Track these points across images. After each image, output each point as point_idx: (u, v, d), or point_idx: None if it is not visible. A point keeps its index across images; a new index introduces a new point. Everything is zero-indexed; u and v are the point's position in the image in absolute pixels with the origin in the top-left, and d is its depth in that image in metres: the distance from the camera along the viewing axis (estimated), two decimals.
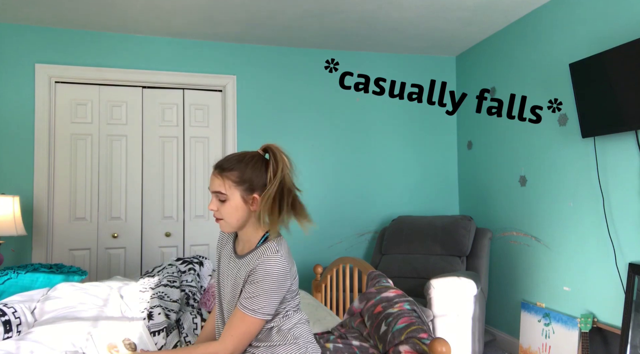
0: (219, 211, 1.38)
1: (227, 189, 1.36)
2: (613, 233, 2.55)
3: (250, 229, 1.42)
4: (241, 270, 1.39)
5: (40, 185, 3.34)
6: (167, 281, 2.15)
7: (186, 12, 3.17)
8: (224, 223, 1.40)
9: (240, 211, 1.38)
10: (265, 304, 1.32)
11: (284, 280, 1.34)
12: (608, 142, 2.59)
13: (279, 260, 1.33)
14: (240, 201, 1.37)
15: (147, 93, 3.67)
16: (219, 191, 1.37)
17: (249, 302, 1.32)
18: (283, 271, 1.33)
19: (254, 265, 1.34)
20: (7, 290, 2.15)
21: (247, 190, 1.37)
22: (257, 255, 1.36)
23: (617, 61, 2.39)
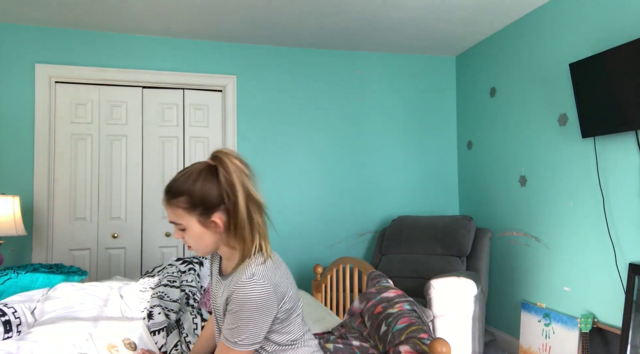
0: (184, 239, 1.24)
1: (181, 218, 1.20)
2: (613, 233, 2.55)
3: (226, 249, 1.27)
4: (224, 292, 1.24)
5: (40, 185, 3.34)
6: (167, 281, 2.15)
7: (186, 12, 3.17)
8: (196, 250, 1.25)
9: (205, 237, 1.22)
10: (247, 335, 1.16)
11: (265, 306, 1.16)
12: (608, 142, 2.59)
13: (254, 285, 1.14)
14: (200, 227, 1.20)
15: (147, 93, 3.67)
16: (174, 221, 1.22)
17: (230, 334, 1.18)
18: (262, 297, 1.15)
19: (229, 293, 1.18)
20: (7, 290, 2.15)
21: (202, 214, 1.19)
22: (233, 280, 1.20)
23: (617, 61, 2.39)
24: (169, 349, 1.78)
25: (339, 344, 1.75)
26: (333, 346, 1.71)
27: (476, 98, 3.92)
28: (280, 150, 3.84)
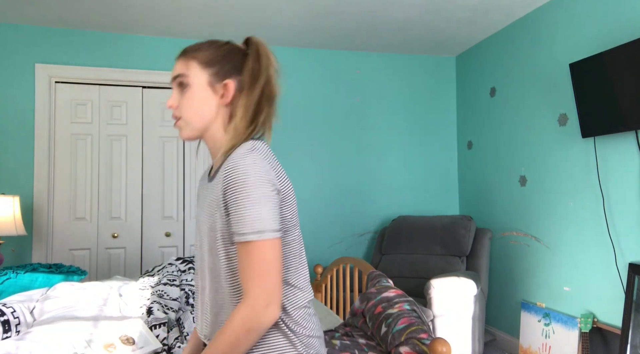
0: (179, 105, 1.04)
1: (191, 70, 1.04)
2: (613, 233, 2.55)
3: (220, 133, 1.06)
4: (213, 192, 1.00)
5: (40, 185, 3.34)
6: (167, 280, 2.15)
7: (186, 12, 3.17)
8: (183, 124, 1.05)
9: (205, 103, 1.03)
10: (264, 216, 0.92)
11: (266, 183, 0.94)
12: (608, 142, 2.59)
13: (250, 158, 0.94)
14: (207, 87, 1.03)
15: (147, 93, 3.67)
16: (180, 73, 1.04)
17: (243, 225, 0.91)
18: (259, 171, 0.94)
19: (224, 177, 0.96)
20: (7, 289, 2.15)
21: (216, 74, 1.04)
22: (225, 165, 0.97)
23: (617, 61, 2.39)
24: (170, 343, 1.78)
25: (346, 340, 1.75)
26: (340, 342, 1.72)
27: (476, 98, 3.92)
28: (280, 150, 3.84)
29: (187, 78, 1.04)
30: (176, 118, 1.05)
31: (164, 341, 1.78)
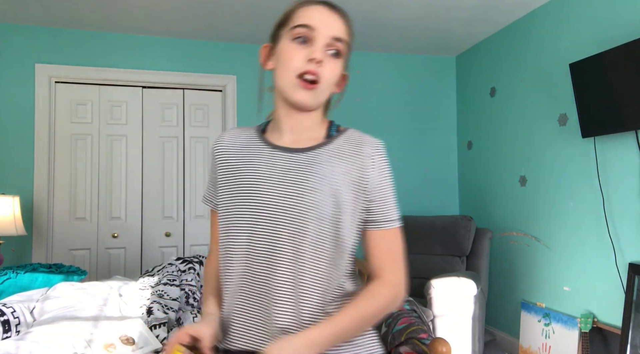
0: (324, 66, 0.91)
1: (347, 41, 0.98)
2: (613, 233, 2.55)
3: (320, 115, 1.01)
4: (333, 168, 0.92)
5: (40, 185, 3.33)
6: (167, 280, 2.15)
7: (186, 12, 3.17)
8: (317, 93, 0.92)
9: (334, 83, 0.98)
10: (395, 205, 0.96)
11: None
12: (608, 142, 2.59)
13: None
14: (340, 71, 0.98)
15: (147, 93, 3.67)
16: (340, 37, 0.95)
17: (392, 212, 0.96)
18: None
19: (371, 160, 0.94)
20: (6, 289, 2.15)
21: (346, 62, 1.01)
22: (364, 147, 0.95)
23: (617, 61, 2.39)
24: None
25: None
26: None
27: (476, 98, 3.92)
28: None
29: (344, 46, 0.96)
30: (315, 80, 0.90)
31: (164, 341, 1.78)
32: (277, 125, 1.00)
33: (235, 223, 0.93)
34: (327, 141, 0.97)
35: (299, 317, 0.88)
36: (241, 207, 0.92)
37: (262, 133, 1.03)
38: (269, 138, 1.00)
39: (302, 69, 0.91)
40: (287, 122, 0.98)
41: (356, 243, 0.94)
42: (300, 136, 0.98)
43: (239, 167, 0.97)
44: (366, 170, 0.94)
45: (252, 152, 0.98)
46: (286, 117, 0.99)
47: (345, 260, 0.93)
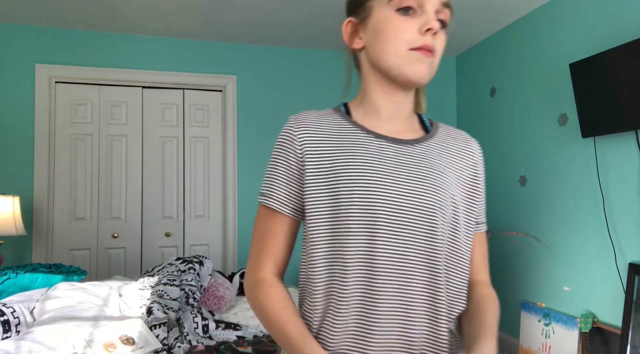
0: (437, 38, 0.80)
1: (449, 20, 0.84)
2: (613, 233, 2.55)
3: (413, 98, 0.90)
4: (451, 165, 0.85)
5: (40, 185, 3.34)
6: (167, 280, 2.15)
7: (186, 12, 3.17)
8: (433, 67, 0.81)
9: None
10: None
11: None
12: (608, 142, 2.59)
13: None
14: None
15: (147, 93, 3.67)
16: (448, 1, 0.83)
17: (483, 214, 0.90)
18: None
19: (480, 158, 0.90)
20: (6, 289, 2.15)
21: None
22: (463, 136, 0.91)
23: (617, 61, 2.39)
24: (170, 343, 1.78)
25: None
26: None
27: (476, 98, 3.92)
28: None
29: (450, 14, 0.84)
30: (432, 50, 0.80)
31: (164, 341, 1.78)
32: (373, 110, 0.86)
33: (349, 231, 0.75)
34: (430, 134, 0.88)
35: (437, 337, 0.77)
36: (355, 212, 0.75)
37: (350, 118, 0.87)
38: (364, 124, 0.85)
39: (418, 42, 0.78)
40: (387, 107, 0.85)
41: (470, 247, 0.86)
42: (401, 125, 0.86)
43: (341, 162, 0.79)
44: (478, 169, 0.88)
45: (352, 141, 0.81)
46: (386, 102, 0.85)
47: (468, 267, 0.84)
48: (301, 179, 0.81)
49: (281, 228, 0.83)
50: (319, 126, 0.84)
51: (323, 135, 0.83)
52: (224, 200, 3.74)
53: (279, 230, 0.83)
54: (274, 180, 0.83)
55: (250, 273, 0.84)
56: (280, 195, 0.83)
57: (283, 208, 0.82)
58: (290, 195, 0.82)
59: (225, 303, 2.35)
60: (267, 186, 0.84)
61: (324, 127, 0.84)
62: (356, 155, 0.79)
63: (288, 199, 0.82)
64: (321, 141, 0.82)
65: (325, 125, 0.84)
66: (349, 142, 0.81)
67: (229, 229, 3.70)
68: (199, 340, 1.85)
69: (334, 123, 0.85)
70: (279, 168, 0.83)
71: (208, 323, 1.98)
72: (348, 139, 0.82)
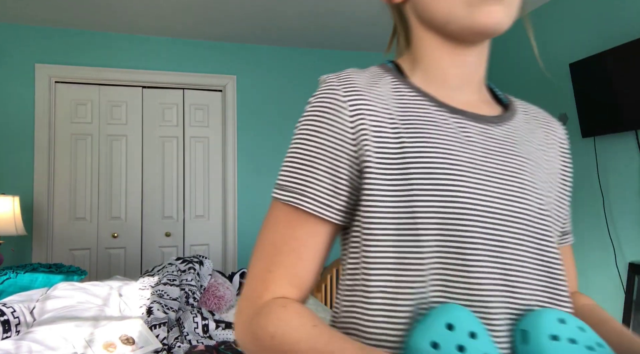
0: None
1: None
2: (613, 233, 2.55)
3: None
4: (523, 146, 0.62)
5: (40, 185, 3.34)
6: (167, 280, 2.16)
7: (186, 12, 3.17)
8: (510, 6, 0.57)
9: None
10: None
11: None
12: (608, 142, 2.59)
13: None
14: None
15: (147, 93, 3.67)
16: None
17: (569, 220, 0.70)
18: None
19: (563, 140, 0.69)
20: (6, 289, 2.15)
21: None
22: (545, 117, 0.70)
23: (617, 61, 2.39)
24: (170, 343, 1.78)
25: None
26: None
27: None
28: (281, 150, 3.84)
29: None
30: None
31: (164, 341, 1.78)
32: (437, 76, 0.62)
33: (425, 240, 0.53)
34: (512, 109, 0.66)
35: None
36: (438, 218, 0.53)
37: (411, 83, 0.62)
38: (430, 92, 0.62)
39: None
40: (455, 72, 0.62)
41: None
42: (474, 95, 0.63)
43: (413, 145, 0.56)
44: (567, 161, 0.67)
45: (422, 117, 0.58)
46: (453, 64, 0.61)
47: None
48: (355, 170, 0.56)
49: (315, 240, 0.57)
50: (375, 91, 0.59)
51: (383, 104, 0.58)
52: (224, 200, 3.74)
53: (311, 243, 0.57)
54: (309, 169, 0.57)
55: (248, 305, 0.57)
56: (322, 191, 0.56)
57: (325, 210, 0.56)
58: (337, 192, 0.56)
59: (226, 303, 2.36)
60: (296, 177, 0.57)
61: (380, 92, 0.59)
62: (432, 137, 0.56)
63: (333, 198, 0.56)
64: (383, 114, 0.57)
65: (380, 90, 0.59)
66: (418, 119, 0.58)
67: (229, 229, 3.70)
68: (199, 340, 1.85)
69: (393, 92, 0.60)
70: (319, 153, 0.56)
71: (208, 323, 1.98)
72: (415, 113, 0.58)
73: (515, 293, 0.54)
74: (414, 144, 0.55)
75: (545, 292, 0.57)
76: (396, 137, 0.56)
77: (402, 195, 0.54)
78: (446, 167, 0.55)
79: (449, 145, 0.56)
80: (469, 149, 0.57)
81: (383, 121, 0.56)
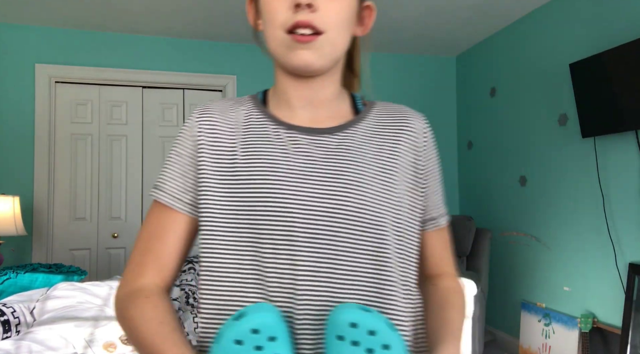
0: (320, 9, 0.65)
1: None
2: (613, 233, 2.55)
3: (338, 76, 0.75)
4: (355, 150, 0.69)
5: (40, 185, 3.34)
6: None
7: (186, 12, 3.17)
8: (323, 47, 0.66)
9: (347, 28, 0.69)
10: None
11: None
12: (608, 142, 2.59)
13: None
14: (355, 5, 0.71)
15: (147, 93, 3.67)
16: None
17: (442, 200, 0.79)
18: None
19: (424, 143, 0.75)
20: (6, 289, 2.15)
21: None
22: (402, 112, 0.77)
23: (617, 61, 2.39)
24: None
25: None
26: None
27: (476, 98, 3.92)
28: None
29: None
30: (313, 30, 0.65)
31: None
32: (284, 99, 0.74)
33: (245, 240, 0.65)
34: (359, 117, 0.74)
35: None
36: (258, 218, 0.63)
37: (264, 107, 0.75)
38: (278, 114, 0.73)
39: (289, 22, 0.65)
40: (297, 95, 0.73)
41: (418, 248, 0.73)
42: (319, 112, 0.73)
43: (243, 158, 0.68)
44: (421, 152, 0.74)
45: (258, 134, 0.70)
46: (294, 89, 0.72)
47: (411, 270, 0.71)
48: (196, 174, 0.70)
49: (173, 228, 0.70)
50: (225, 117, 0.72)
51: (227, 127, 0.71)
52: None
53: (170, 230, 0.70)
54: (167, 170, 0.72)
55: (125, 283, 0.69)
56: (172, 187, 0.71)
57: (175, 202, 0.70)
58: (184, 189, 0.70)
59: None
60: (160, 178, 0.73)
61: (232, 118, 0.72)
62: (259, 151, 0.67)
63: (182, 193, 0.70)
64: (223, 133, 0.70)
65: (233, 116, 0.73)
66: (255, 135, 0.70)
67: None
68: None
69: (244, 114, 0.73)
70: (174, 159, 0.72)
71: None
72: (255, 132, 0.70)
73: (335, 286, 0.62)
74: (245, 155, 0.68)
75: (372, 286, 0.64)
76: (231, 150, 0.69)
77: (229, 195, 0.66)
78: (266, 173, 0.65)
79: (274, 155, 0.67)
80: (294, 158, 0.67)
81: (222, 138, 0.70)
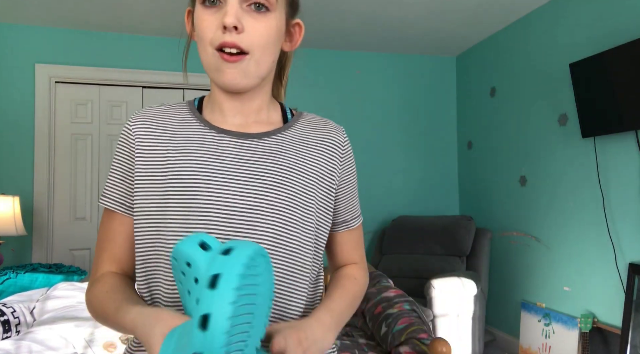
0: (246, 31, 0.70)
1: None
2: (613, 233, 2.55)
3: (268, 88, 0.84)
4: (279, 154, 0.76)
5: (40, 185, 3.33)
6: None
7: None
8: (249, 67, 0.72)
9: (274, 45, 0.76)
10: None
11: None
12: (608, 142, 2.59)
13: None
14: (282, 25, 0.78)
15: (147, 93, 3.67)
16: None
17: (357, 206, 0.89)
18: None
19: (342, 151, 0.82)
20: (6, 289, 2.15)
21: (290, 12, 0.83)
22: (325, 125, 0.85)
23: (617, 61, 2.39)
24: None
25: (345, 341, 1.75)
26: (340, 342, 1.72)
27: (476, 98, 3.92)
28: None
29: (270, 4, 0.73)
30: (238, 51, 0.70)
31: None
32: (218, 108, 0.79)
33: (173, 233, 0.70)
34: (286, 126, 0.82)
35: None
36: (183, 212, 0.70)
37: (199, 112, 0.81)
38: (210, 120, 0.79)
39: (217, 41, 0.69)
40: (229, 105, 0.78)
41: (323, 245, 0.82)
42: (249, 120, 0.80)
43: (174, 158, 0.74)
44: (337, 161, 0.82)
45: (192, 137, 0.76)
46: (226, 99, 0.78)
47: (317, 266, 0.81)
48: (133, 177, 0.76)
49: (121, 229, 0.78)
50: (160, 121, 0.78)
51: (161, 131, 0.77)
52: None
53: (119, 231, 0.78)
54: (110, 178, 0.79)
55: (91, 275, 0.79)
56: (115, 193, 0.78)
57: (119, 207, 0.77)
58: (126, 193, 0.77)
59: None
60: (105, 185, 0.80)
61: (166, 122, 0.78)
62: (191, 152, 0.74)
63: (124, 197, 0.77)
64: (157, 137, 0.76)
65: (168, 120, 0.78)
66: (187, 138, 0.76)
67: None
68: None
69: (178, 119, 0.79)
70: (115, 166, 0.79)
71: None
72: (187, 135, 0.76)
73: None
74: (176, 156, 0.74)
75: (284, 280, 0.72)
76: (164, 152, 0.74)
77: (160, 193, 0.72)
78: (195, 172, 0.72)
79: (204, 156, 0.73)
80: (223, 159, 0.73)
81: (155, 143, 0.76)
